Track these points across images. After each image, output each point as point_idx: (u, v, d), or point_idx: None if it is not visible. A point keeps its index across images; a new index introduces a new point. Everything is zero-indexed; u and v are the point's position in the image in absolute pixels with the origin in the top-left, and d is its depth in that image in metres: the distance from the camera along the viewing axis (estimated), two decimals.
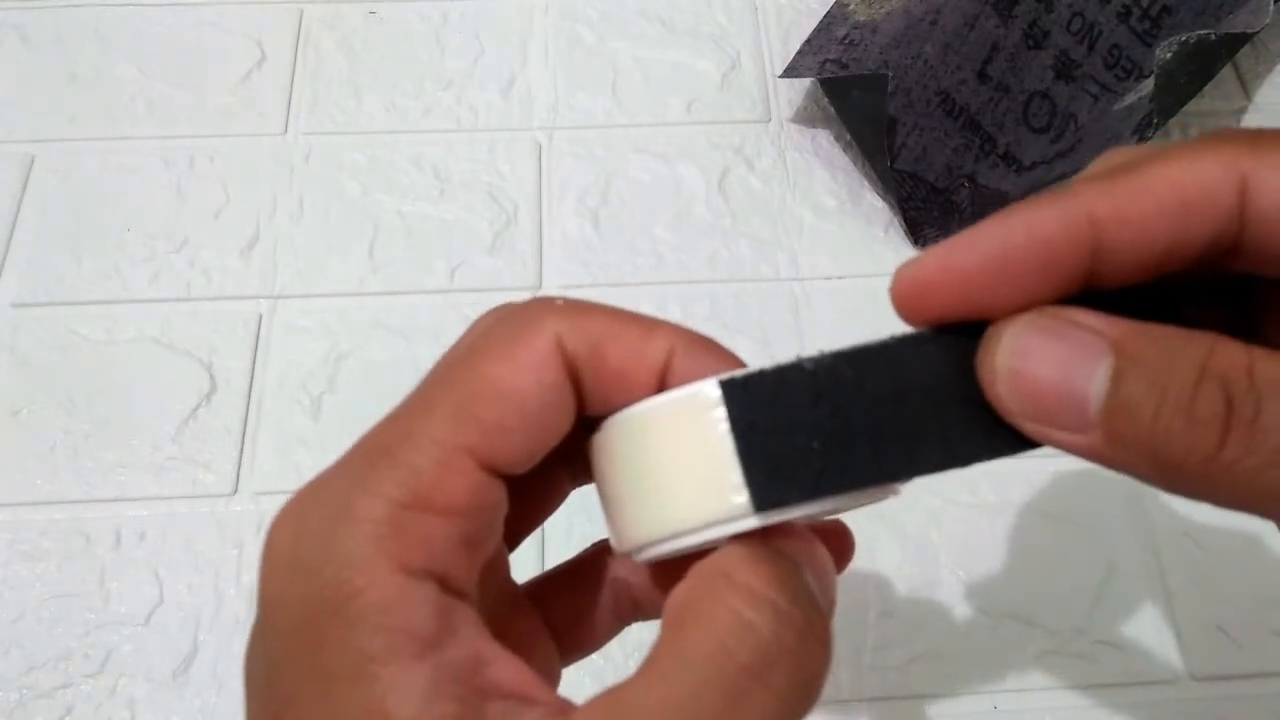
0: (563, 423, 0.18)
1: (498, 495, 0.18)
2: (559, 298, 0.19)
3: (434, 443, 0.17)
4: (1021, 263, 0.17)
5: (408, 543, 0.16)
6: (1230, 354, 0.16)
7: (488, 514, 0.18)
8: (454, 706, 0.16)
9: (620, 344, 0.18)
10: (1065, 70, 0.48)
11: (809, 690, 0.17)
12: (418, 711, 0.15)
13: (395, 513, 0.17)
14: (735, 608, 0.16)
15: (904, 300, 0.19)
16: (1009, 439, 0.18)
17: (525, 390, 0.17)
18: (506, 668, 0.17)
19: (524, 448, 0.18)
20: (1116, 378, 0.16)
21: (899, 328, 0.19)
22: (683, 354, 0.19)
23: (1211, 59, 0.47)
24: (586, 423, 0.19)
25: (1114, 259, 0.17)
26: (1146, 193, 0.17)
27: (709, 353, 0.19)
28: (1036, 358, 0.17)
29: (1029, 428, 0.17)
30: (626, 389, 0.19)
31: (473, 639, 0.17)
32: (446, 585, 0.17)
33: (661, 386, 0.19)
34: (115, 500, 0.42)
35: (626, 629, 0.23)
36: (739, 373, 0.18)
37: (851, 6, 0.49)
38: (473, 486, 0.17)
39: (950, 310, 0.18)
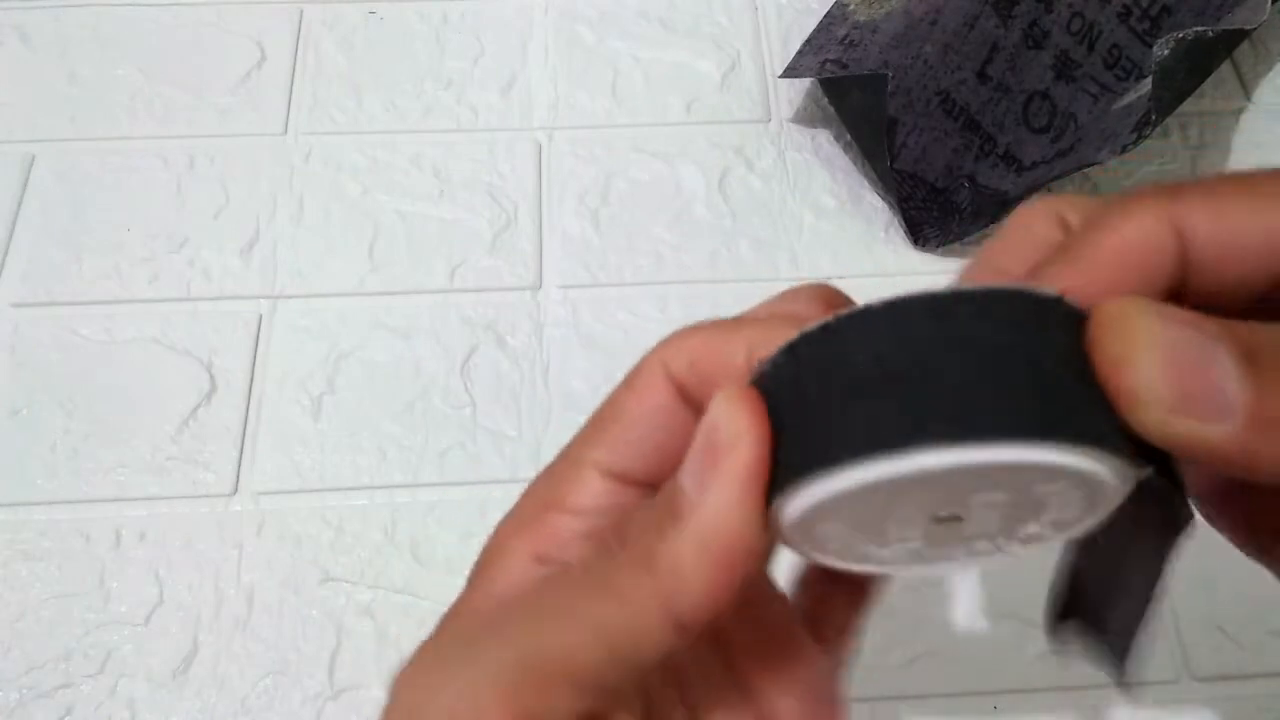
0: (684, 432, 0.20)
1: (626, 499, 0.21)
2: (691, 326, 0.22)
3: (571, 459, 0.21)
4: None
5: (540, 534, 0.21)
6: None
7: (615, 514, 0.21)
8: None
9: (708, 357, 0.20)
10: (1065, 70, 0.48)
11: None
12: (517, 670, 0.19)
13: (538, 512, 0.21)
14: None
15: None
16: (1116, 434, 0.16)
17: (636, 411, 0.21)
18: None
19: (642, 456, 0.21)
20: (1247, 364, 0.16)
21: None
22: (760, 348, 0.20)
23: (1210, 55, 0.47)
24: None
25: None
26: (1097, 262, 0.18)
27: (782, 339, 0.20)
28: (1177, 345, 0.16)
29: (1170, 423, 0.16)
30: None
31: None
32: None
33: None
34: (115, 500, 0.42)
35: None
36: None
37: (851, 6, 0.49)
38: (596, 491, 0.21)
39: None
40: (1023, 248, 0.20)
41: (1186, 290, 0.18)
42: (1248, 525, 0.22)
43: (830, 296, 0.22)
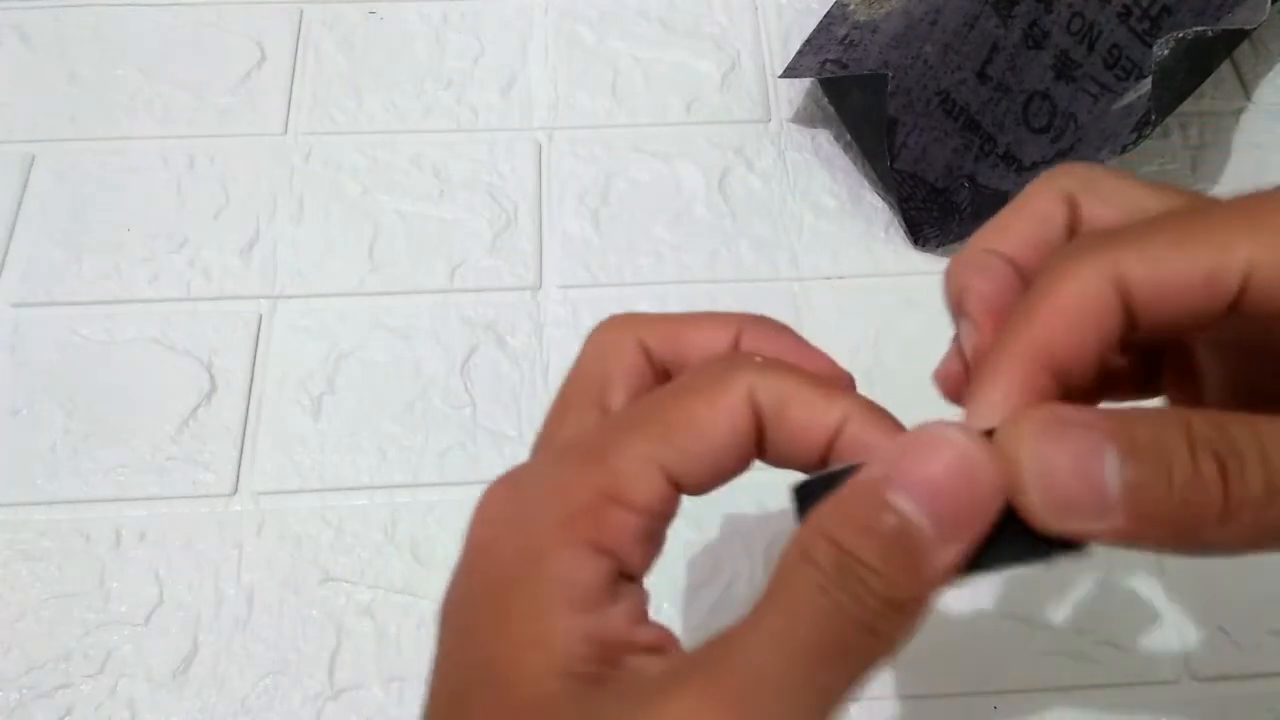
0: (741, 462, 0.21)
1: (675, 507, 0.21)
2: (758, 355, 0.23)
3: (637, 455, 0.21)
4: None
5: (600, 526, 0.20)
6: (1204, 422, 0.18)
7: (666, 520, 0.21)
8: (597, 650, 0.19)
9: (802, 406, 0.21)
10: (1065, 70, 0.48)
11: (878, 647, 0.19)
12: (567, 649, 0.19)
13: (597, 500, 0.20)
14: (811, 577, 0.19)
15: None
16: (1028, 546, 0.19)
17: (717, 429, 0.21)
18: (653, 632, 0.20)
19: (705, 474, 0.21)
20: (1125, 465, 0.18)
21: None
22: (856, 423, 0.21)
23: (1209, 55, 0.47)
24: None
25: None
26: (1045, 326, 0.20)
27: (879, 425, 0.21)
28: (1056, 462, 0.18)
29: (1056, 525, 0.19)
30: (800, 447, 0.21)
31: (631, 610, 0.20)
32: (622, 566, 0.20)
33: (829, 449, 0.21)
34: (115, 500, 0.42)
35: None
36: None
37: (851, 6, 0.49)
38: (660, 493, 0.21)
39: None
40: (1023, 228, 0.22)
41: (1139, 328, 0.20)
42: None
43: (794, 335, 0.24)
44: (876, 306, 0.46)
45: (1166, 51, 0.41)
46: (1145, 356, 0.25)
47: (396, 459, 0.42)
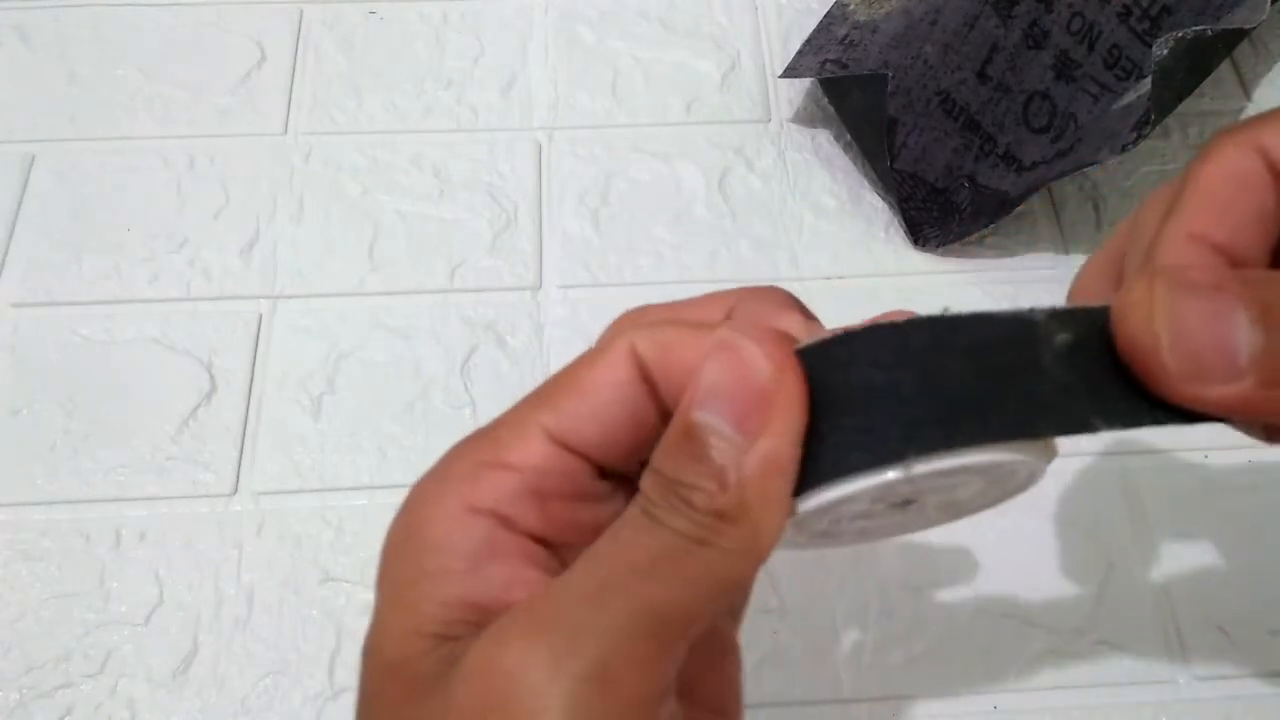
0: (633, 413, 0.21)
1: (568, 465, 0.21)
2: (655, 306, 0.23)
3: (516, 420, 0.21)
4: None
5: (477, 489, 0.21)
6: None
7: (556, 478, 0.21)
8: (469, 612, 0.20)
9: (682, 349, 0.21)
10: (1065, 70, 0.48)
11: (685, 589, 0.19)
12: (432, 612, 0.20)
13: (474, 469, 0.21)
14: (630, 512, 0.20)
15: None
16: (1142, 407, 0.19)
17: (595, 384, 0.21)
18: (531, 589, 0.20)
19: (594, 430, 0.21)
20: (1255, 329, 0.18)
21: None
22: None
23: (1209, 55, 0.47)
24: None
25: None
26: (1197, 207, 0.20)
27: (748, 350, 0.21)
28: (1190, 322, 0.18)
29: (1186, 389, 0.18)
30: (685, 386, 0.21)
31: (513, 564, 0.21)
32: (508, 524, 0.21)
33: None
34: (115, 500, 0.42)
35: None
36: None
37: (851, 6, 0.49)
38: (541, 452, 0.21)
39: None
40: (1223, 206, 0.21)
41: None
42: None
43: (794, 302, 0.24)
44: (876, 306, 0.46)
45: (1166, 51, 0.41)
46: None
47: (396, 459, 0.42)
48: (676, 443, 0.19)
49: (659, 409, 0.21)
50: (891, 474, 0.18)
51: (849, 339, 0.19)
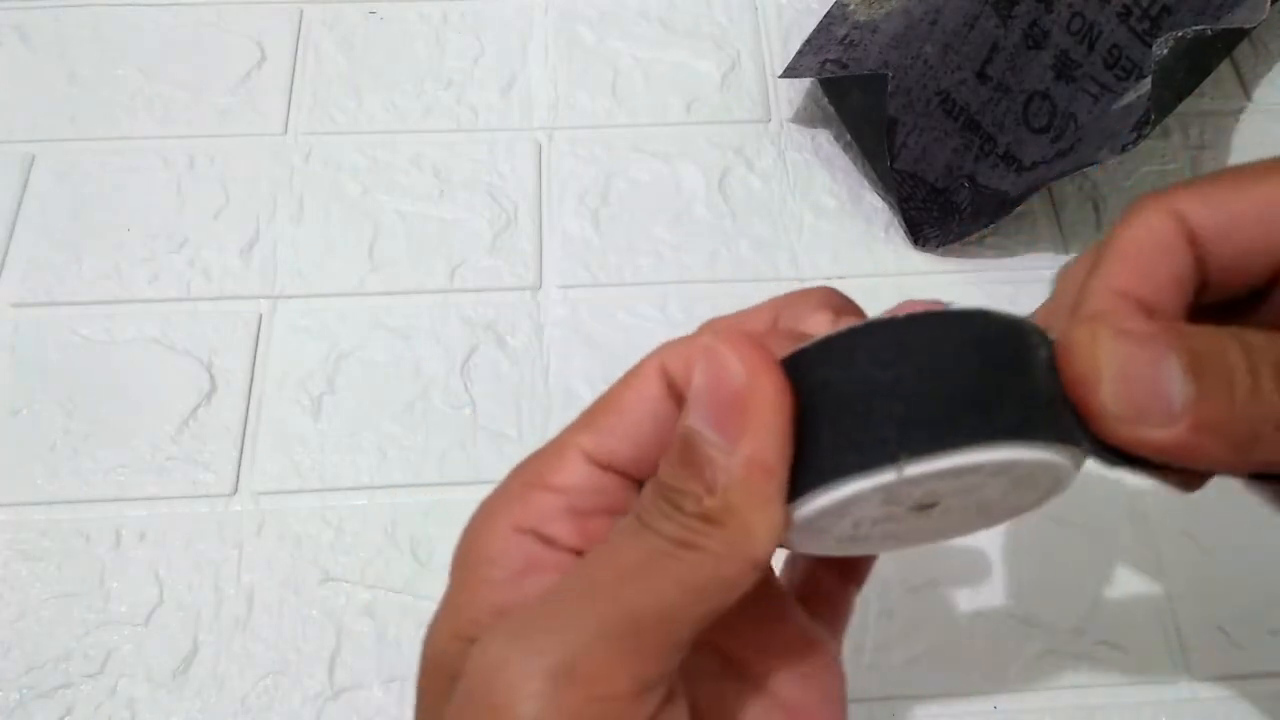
0: (666, 430, 0.22)
1: (606, 483, 0.22)
2: (722, 317, 0.24)
3: (559, 445, 0.22)
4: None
5: (524, 509, 0.22)
6: (1257, 335, 0.19)
7: (594, 496, 0.22)
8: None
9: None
10: (1065, 70, 0.48)
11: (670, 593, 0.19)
12: (471, 617, 0.21)
13: (523, 490, 0.22)
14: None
15: None
16: (1077, 440, 0.19)
17: (628, 404, 0.22)
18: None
19: (629, 447, 0.22)
20: (1187, 376, 0.19)
21: None
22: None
23: (1209, 55, 0.47)
24: None
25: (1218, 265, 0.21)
26: (1117, 267, 0.21)
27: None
28: (1131, 365, 0.19)
29: (1122, 430, 0.19)
30: None
31: (550, 578, 0.21)
32: (549, 542, 0.22)
33: None
34: (115, 500, 0.42)
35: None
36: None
37: (851, 6, 0.49)
38: (580, 472, 0.22)
39: None
40: (1144, 266, 0.21)
41: (1209, 282, 0.21)
42: None
43: (834, 301, 0.25)
44: (877, 307, 0.46)
45: (1166, 51, 0.41)
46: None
47: (396, 459, 0.42)
48: (674, 451, 0.20)
49: None
50: (885, 476, 0.18)
51: (846, 337, 0.19)
